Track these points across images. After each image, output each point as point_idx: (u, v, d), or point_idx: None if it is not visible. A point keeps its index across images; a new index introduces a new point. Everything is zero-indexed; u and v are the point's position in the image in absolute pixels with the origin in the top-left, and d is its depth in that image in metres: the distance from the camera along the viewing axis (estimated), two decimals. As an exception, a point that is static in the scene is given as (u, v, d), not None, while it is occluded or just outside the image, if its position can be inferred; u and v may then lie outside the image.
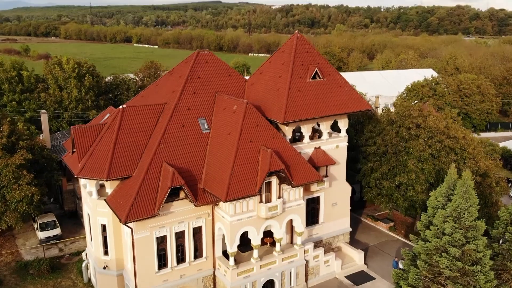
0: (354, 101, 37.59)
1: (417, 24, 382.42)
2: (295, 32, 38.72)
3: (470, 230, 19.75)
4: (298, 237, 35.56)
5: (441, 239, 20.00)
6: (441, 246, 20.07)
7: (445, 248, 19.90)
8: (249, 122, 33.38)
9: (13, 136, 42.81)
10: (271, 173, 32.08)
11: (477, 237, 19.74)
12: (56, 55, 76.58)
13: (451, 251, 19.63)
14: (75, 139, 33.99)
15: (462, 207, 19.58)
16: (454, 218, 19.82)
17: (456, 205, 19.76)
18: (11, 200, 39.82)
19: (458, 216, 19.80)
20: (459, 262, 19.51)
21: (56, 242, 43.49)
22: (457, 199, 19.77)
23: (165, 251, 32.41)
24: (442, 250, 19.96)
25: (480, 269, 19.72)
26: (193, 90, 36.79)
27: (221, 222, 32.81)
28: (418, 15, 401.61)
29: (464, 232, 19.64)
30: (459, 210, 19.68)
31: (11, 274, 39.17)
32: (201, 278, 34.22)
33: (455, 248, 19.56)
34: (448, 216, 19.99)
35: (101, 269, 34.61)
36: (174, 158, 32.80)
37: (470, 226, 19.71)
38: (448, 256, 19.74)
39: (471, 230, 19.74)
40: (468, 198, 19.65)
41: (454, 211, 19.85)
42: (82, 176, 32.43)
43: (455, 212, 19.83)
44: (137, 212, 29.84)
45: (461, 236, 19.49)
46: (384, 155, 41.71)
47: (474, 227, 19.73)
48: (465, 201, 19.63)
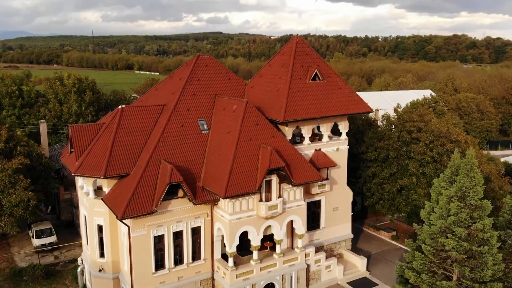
0: (354, 102, 37.44)
1: (414, 53, 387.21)
2: (294, 35, 38.88)
3: (476, 209, 19.19)
4: (299, 240, 34.77)
5: (446, 220, 19.42)
6: (446, 228, 19.47)
7: (451, 229, 19.30)
8: (248, 120, 33.13)
9: (11, 142, 42.53)
10: (271, 171, 31.60)
11: (483, 217, 19.18)
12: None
13: (457, 232, 19.02)
14: (73, 138, 33.63)
15: (467, 186, 19.09)
16: (459, 198, 19.30)
17: (460, 184, 19.26)
18: (6, 205, 39.19)
19: (463, 196, 19.29)
20: (465, 242, 18.88)
21: (51, 249, 42.53)
22: (461, 178, 19.29)
23: (162, 252, 31.61)
24: (447, 232, 19.36)
25: (488, 250, 19.07)
26: (193, 92, 36.68)
27: (220, 222, 32.13)
28: (415, 44, 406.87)
29: (470, 212, 19.08)
30: (464, 189, 19.19)
31: (4, 280, 38.16)
32: (199, 281, 33.26)
33: (461, 228, 18.96)
34: (453, 196, 19.48)
35: (97, 272, 33.68)
36: (172, 157, 32.38)
37: (476, 206, 19.17)
38: (454, 237, 19.13)
39: (477, 210, 19.18)
40: (473, 176, 19.19)
41: (459, 191, 19.35)
42: (80, 174, 31.93)
43: (460, 191, 19.32)
44: (135, 208, 29.22)
45: (466, 216, 18.92)
46: (385, 160, 41.31)
47: (480, 206, 19.19)
48: (470, 179, 19.16)
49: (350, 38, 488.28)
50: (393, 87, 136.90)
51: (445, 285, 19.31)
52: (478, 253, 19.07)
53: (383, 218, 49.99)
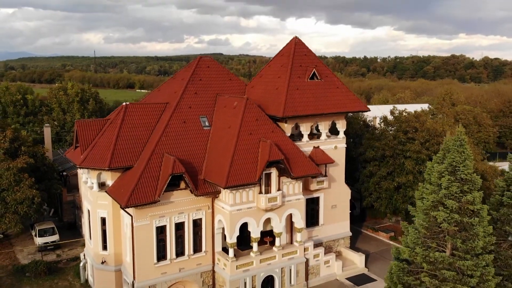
0: (351, 101, 38.54)
1: (413, 73, 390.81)
2: (293, 37, 40.21)
3: (466, 183, 20.04)
4: (298, 234, 35.44)
5: (438, 194, 20.23)
6: (438, 202, 20.27)
7: (442, 202, 20.10)
8: (249, 116, 34.17)
9: (16, 142, 43.49)
10: (271, 164, 32.48)
11: (473, 191, 19.99)
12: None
13: (448, 204, 19.81)
14: (79, 132, 34.64)
15: (457, 161, 19.97)
16: (450, 173, 20.16)
17: (451, 160, 20.15)
18: (11, 203, 39.94)
19: (454, 170, 20.15)
20: (456, 214, 19.66)
21: (54, 248, 43.05)
22: (451, 153, 20.18)
23: (164, 242, 32.28)
24: (439, 205, 20.16)
25: (478, 222, 19.82)
26: (195, 91, 37.82)
27: (221, 214, 32.86)
28: (414, 64, 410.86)
29: (460, 185, 19.91)
30: (454, 164, 20.06)
31: (7, 276, 38.62)
32: (200, 273, 33.81)
33: (451, 201, 19.76)
34: (444, 171, 20.34)
35: (99, 264, 34.26)
36: (175, 151, 33.29)
37: (466, 180, 20.00)
38: (446, 209, 19.92)
39: (467, 184, 20.01)
40: (462, 151, 20.07)
41: (449, 166, 20.21)
42: (85, 166, 32.84)
43: (451, 166, 20.19)
44: (138, 197, 30.05)
45: (457, 189, 19.74)
46: (383, 159, 42.19)
47: (470, 180, 20.01)
48: (459, 154, 20.04)
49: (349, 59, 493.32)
50: (391, 103, 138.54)
51: (438, 256, 20.01)
52: (469, 225, 19.82)
53: (382, 221, 50.56)
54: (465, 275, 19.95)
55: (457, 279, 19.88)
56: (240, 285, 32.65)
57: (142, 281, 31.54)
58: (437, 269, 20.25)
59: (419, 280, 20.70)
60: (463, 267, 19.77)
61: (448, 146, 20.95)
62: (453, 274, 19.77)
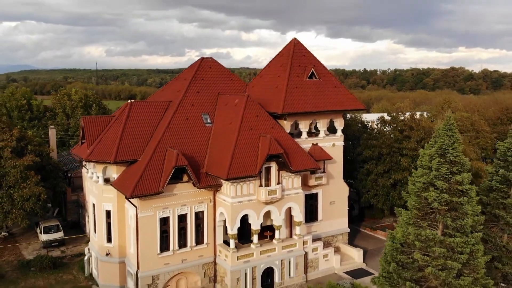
0: (348, 100, 39.80)
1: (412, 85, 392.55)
2: (292, 38, 41.58)
3: (455, 165, 21.11)
4: (297, 227, 36.42)
5: (428, 176, 21.30)
6: (429, 183, 21.33)
7: (433, 183, 21.16)
8: (249, 112, 35.39)
9: (22, 142, 44.65)
10: (271, 158, 33.59)
11: (462, 172, 21.05)
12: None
13: (438, 185, 20.86)
14: (85, 128, 35.85)
15: (447, 144, 21.06)
16: (440, 155, 21.25)
17: (441, 143, 21.24)
18: (18, 199, 40.96)
19: (444, 153, 21.22)
20: (446, 194, 20.70)
21: (58, 244, 43.92)
22: (441, 137, 21.30)
23: (167, 234, 33.27)
24: (430, 184, 21.22)
25: (467, 201, 20.85)
26: (197, 90, 39.09)
27: (222, 206, 33.89)
28: (413, 77, 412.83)
29: (450, 167, 20.99)
30: (444, 147, 21.14)
31: (12, 270, 39.52)
32: (202, 265, 34.73)
33: (441, 181, 20.82)
34: (434, 154, 21.43)
35: (104, 256, 35.19)
36: (178, 146, 34.41)
37: (455, 162, 21.08)
38: (436, 190, 20.97)
39: (456, 165, 21.08)
40: (451, 135, 21.18)
41: (439, 149, 21.30)
42: (91, 159, 33.96)
43: (441, 150, 21.28)
44: (142, 188, 31.15)
45: (447, 170, 20.80)
46: (380, 157, 43.30)
47: (459, 162, 21.09)
48: (449, 138, 21.14)
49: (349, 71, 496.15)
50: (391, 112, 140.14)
51: (430, 233, 21.00)
52: (458, 204, 20.84)
53: (379, 220, 51.48)
54: (455, 252, 20.92)
55: (447, 256, 20.84)
56: (241, 276, 33.55)
57: (145, 271, 32.49)
58: (428, 247, 21.25)
59: (412, 258, 21.67)
60: (453, 244, 20.75)
61: (439, 133, 22.07)
62: (444, 251, 20.75)
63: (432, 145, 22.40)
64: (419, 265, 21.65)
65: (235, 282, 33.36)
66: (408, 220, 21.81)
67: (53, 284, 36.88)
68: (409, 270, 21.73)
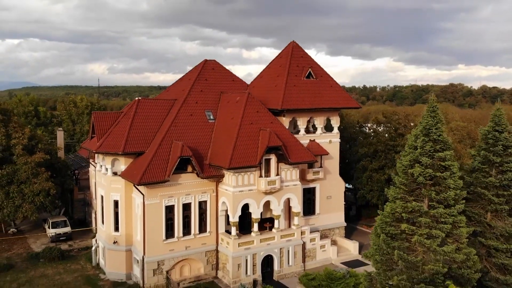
0: (344, 99, 41.93)
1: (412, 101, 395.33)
2: (291, 41, 43.89)
3: (438, 143, 23.03)
4: (295, 217, 38.22)
5: (414, 154, 23.23)
6: (414, 160, 23.24)
7: (418, 160, 23.07)
8: (250, 108, 37.51)
9: (33, 140, 46.74)
10: (270, 150, 35.57)
11: (445, 150, 22.95)
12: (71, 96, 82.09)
13: (422, 161, 22.76)
14: (95, 122, 37.95)
15: (430, 124, 23.03)
16: (424, 134, 23.21)
17: (425, 123, 23.22)
18: (28, 194, 42.87)
19: (428, 133, 23.16)
20: (430, 169, 22.60)
21: (65, 239, 45.62)
22: (425, 118, 23.32)
23: (172, 221, 35.09)
24: (415, 161, 23.13)
25: (450, 176, 22.72)
26: (201, 89, 41.29)
27: (225, 196, 35.77)
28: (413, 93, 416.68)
29: (434, 145, 22.91)
30: (428, 127, 23.10)
31: (22, 261, 41.14)
32: (205, 252, 36.45)
33: (426, 158, 22.72)
34: (419, 133, 23.40)
35: (111, 244, 36.92)
36: (183, 140, 36.36)
37: (438, 140, 22.99)
38: (421, 166, 22.87)
39: (439, 143, 23.00)
40: (434, 116, 23.15)
41: (424, 129, 23.26)
42: (101, 151, 35.97)
43: (425, 129, 23.23)
44: (150, 176, 33.13)
45: (430, 148, 22.72)
46: (375, 155, 45.26)
47: (442, 141, 23.00)
48: (432, 118, 23.11)
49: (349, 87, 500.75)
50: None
51: (415, 205, 22.82)
52: (441, 178, 22.71)
53: (375, 219, 53.10)
54: (439, 222, 22.72)
55: (432, 226, 22.62)
56: (242, 262, 35.24)
57: (151, 256, 34.23)
58: (414, 218, 23.05)
59: (399, 229, 23.44)
60: (437, 215, 22.54)
61: (423, 115, 24.07)
62: (429, 221, 22.53)
63: (418, 127, 24.37)
64: (406, 236, 23.46)
65: (236, 267, 35.06)
66: (396, 195, 23.69)
67: (62, 273, 38.50)
68: (397, 240, 23.54)
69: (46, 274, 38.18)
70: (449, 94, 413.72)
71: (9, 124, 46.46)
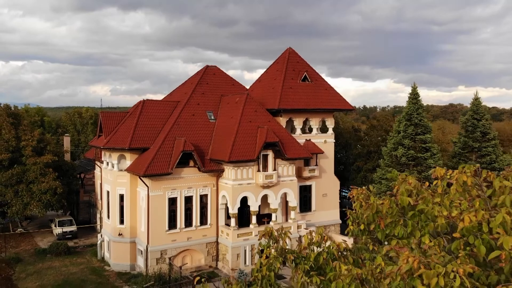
0: (338, 101, 44.23)
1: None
2: (287, 48, 46.48)
3: (419, 127, 25.19)
4: (292, 212, 40.13)
5: (397, 137, 25.37)
6: (398, 143, 25.38)
7: (401, 143, 25.19)
8: (249, 108, 39.81)
9: (42, 143, 48.97)
10: (268, 145, 37.71)
11: (426, 133, 25.05)
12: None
13: (405, 143, 24.91)
14: (103, 121, 40.21)
15: (412, 109, 25.28)
16: (406, 120, 25.42)
17: (407, 109, 25.48)
18: (36, 192, 44.87)
19: (410, 118, 25.41)
20: (411, 150, 24.70)
21: (71, 237, 47.40)
22: (407, 105, 25.56)
23: (175, 213, 37.01)
24: (399, 144, 25.25)
25: (430, 156, 24.79)
26: (202, 92, 43.67)
27: (225, 190, 37.77)
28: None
29: (415, 129, 25.06)
30: (410, 112, 25.35)
31: (30, 256, 42.83)
32: (205, 244, 38.26)
33: (408, 140, 24.86)
34: (402, 119, 25.59)
35: (117, 237, 38.75)
36: (185, 137, 38.52)
37: (419, 124, 25.19)
38: (404, 148, 24.98)
39: (420, 127, 25.15)
40: (415, 103, 25.38)
41: (406, 115, 25.50)
42: (108, 147, 38.11)
43: (407, 115, 25.48)
44: (154, 169, 35.21)
45: (412, 131, 24.89)
46: (369, 156, 47.35)
47: (423, 125, 25.16)
48: (413, 105, 25.35)
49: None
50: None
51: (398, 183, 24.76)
52: (422, 159, 24.81)
53: (371, 221, 54.94)
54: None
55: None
56: (240, 252, 37.03)
57: (155, 246, 36.05)
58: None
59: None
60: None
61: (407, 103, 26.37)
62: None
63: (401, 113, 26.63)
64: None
65: (236, 257, 36.83)
66: (381, 176, 25.77)
67: (68, 265, 40.19)
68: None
69: (53, 266, 39.86)
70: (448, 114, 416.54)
71: (19, 127, 48.81)
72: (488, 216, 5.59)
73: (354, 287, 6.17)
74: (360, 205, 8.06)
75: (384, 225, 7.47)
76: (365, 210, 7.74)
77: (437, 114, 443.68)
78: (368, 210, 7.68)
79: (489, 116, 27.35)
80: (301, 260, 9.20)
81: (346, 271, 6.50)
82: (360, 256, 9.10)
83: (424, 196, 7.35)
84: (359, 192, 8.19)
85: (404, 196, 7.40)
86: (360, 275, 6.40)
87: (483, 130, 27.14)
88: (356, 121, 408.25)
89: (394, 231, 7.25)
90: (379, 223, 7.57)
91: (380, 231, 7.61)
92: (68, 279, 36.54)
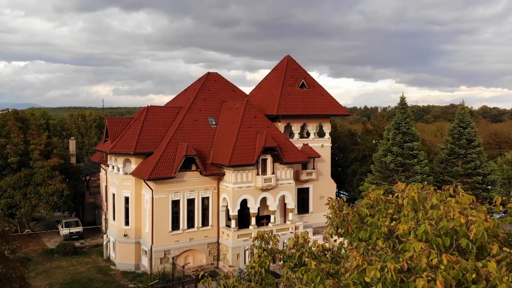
0: (334, 107, 45.91)
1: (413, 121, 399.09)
2: (285, 55, 48.16)
3: (407, 135, 26.83)
4: (289, 213, 41.82)
5: (386, 145, 27.02)
6: (387, 150, 27.03)
7: (390, 150, 26.83)
8: (248, 114, 41.53)
9: (49, 147, 50.76)
10: (266, 150, 39.41)
11: (413, 141, 26.67)
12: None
13: (394, 150, 26.56)
14: (109, 127, 41.97)
15: (400, 118, 26.92)
16: (395, 128, 27.08)
17: (396, 119, 27.13)
18: (44, 195, 46.63)
19: (398, 127, 27.07)
20: (399, 157, 26.34)
21: (78, 238, 49.17)
22: (397, 114, 27.20)
23: (178, 215, 38.74)
24: (388, 151, 26.89)
25: (417, 163, 26.41)
26: (204, 98, 45.41)
27: (225, 193, 39.49)
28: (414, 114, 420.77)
29: (403, 136, 26.69)
30: (398, 121, 27.01)
31: (37, 256, 44.59)
32: (207, 244, 39.99)
33: (396, 147, 26.49)
34: (391, 127, 27.25)
35: (122, 238, 40.49)
36: (187, 142, 40.22)
37: (407, 133, 26.83)
38: (392, 154, 26.61)
39: (408, 135, 26.79)
40: (404, 112, 27.01)
41: (395, 124, 27.16)
42: (114, 151, 39.86)
43: (396, 124, 27.14)
44: (158, 172, 36.96)
45: (400, 139, 26.53)
46: (364, 160, 48.99)
47: (411, 133, 26.77)
48: (402, 114, 26.98)
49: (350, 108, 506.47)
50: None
51: (387, 187, 26.46)
52: (410, 165, 26.45)
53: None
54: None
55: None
56: (240, 252, 38.72)
57: (158, 246, 37.79)
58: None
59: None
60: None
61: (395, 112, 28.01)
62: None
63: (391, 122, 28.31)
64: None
65: (236, 257, 38.53)
66: (372, 181, 27.44)
67: (75, 264, 41.97)
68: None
69: (61, 266, 41.64)
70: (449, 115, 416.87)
71: (27, 131, 50.62)
72: (414, 226, 7.29)
73: (319, 279, 7.84)
74: (335, 213, 9.75)
75: (351, 230, 9.17)
76: (335, 218, 9.44)
77: (438, 114, 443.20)
78: (337, 218, 9.38)
79: (475, 124, 29.00)
80: (287, 259, 10.86)
81: (315, 266, 8.17)
82: (338, 255, 10.83)
83: (379, 208, 9.05)
84: (335, 202, 9.87)
85: (363, 208, 9.10)
86: (325, 269, 8.08)
87: (468, 137, 28.76)
88: (357, 121, 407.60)
89: (359, 235, 8.95)
90: (348, 228, 9.27)
91: (349, 235, 9.31)
92: (76, 277, 38.30)
